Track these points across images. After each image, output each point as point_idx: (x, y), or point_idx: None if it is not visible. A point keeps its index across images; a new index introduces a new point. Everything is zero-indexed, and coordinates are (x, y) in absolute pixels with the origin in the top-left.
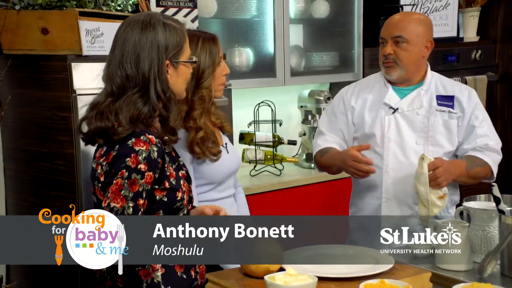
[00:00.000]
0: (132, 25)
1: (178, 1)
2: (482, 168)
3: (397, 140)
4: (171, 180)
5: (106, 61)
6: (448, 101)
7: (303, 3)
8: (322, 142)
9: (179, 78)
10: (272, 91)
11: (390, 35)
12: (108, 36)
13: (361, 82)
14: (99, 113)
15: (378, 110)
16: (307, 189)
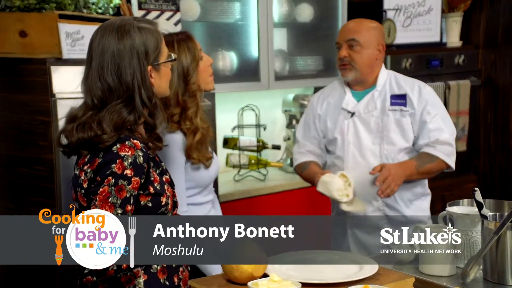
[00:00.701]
0: (108, 34)
1: (160, 4)
2: (433, 164)
3: (355, 143)
4: (156, 185)
5: (83, 73)
6: (400, 99)
7: (287, 7)
8: (299, 155)
9: (162, 79)
10: (256, 95)
11: (344, 39)
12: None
13: (325, 89)
14: (80, 125)
15: (338, 115)
16: (292, 194)
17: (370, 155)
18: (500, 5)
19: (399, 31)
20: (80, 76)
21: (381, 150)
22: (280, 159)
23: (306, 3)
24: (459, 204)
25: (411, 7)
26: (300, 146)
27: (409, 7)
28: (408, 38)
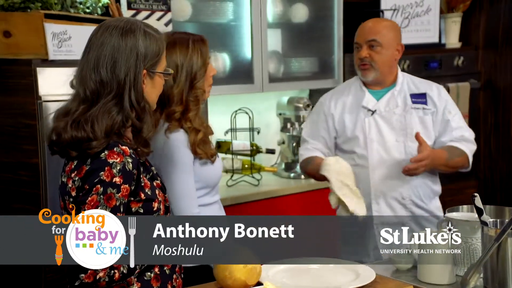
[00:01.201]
0: (111, 29)
1: (150, 4)
2: (460, 158)
3: (379, 140)
4: (146, 190)
5: (78, 64)
6: (421, 98)
7: (281, 7)
8: (305, 151)
9: (153, 89)
10: (250, 98)
11: (364, 39)
12: (76, 40)
13: (338, 88)
14: (75, 122)
15: (357, 113)
16: (286, 199)
17: (395, 152)
18: (500, 5)
19: None
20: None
21: (405, 147)
22: (274, 164)
23: (301, 3)
24: (458, 210)
25: (409, 7)
26: (307, 144)
27: (407, 7)
28: (406, 39)
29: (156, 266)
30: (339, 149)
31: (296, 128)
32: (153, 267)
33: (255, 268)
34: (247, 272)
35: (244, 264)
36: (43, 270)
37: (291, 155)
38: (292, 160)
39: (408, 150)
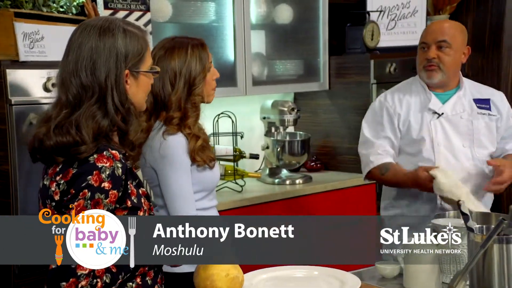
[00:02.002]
0: (89, 29)
1: (128, 3)
2: None
3: (446, 144)
4: (133, 198)
5: (58, 68)
6: (485, 104)
7: (265, 7)
8: (375, 157)
9: (139, 89)
10: (233, 101)
11: (434, 40)
12: (50, 40)
13: (398, 88)
14: (57, 127)
15: (423, 115)
16: (271, 206)
17: (463, 157)
18: (487, 7)
19: (382, 34)
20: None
21: (472, 153)
22: (259, 169)
23: (285, 4)
24: (445, 216)
25: (395, 8)
26: (375, 146)
27: (393, 9)
28: (392, 41)
29: (137, 276)
30: (402, 151)
31: (281, 132)
32: (134, 277)
33: (237, 278)
34: (229, 281)
35: (226, 273)
36: (12, 277)
37: (275, 160)
38: (277, 166)
39: (475, 156)
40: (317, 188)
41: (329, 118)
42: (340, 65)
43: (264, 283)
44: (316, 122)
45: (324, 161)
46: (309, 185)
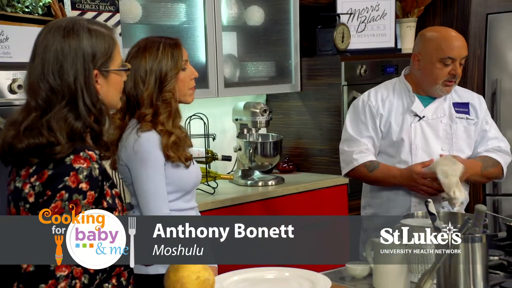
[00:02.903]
0: (53, 31)
1: (97, 4)
2: (494, 169)
3: (424, 147)
4: (108, 199)
5: (26, 71)
6: (464, 108)
7: (236, 9)
8: (360, 155)
9: (110, 88)
10: (205, 103)
11: (460, 56)
12: (15, 41)
13: (380, 90)
14: (27, 129)
15: (404, 117)
16: (243, 207)
17: None
18: (453, 11)
19: (353, 36)
20: (5, 81)
21: None
22: (231, 171)
23: (256, 6)
24: (413, 216)
25: (365, 11)
26: (359, 145)
27: (362, 11)
28: (362, 43)
29: (113, 277)
30: (381, 152)
31: (253, 134)
32: (110, 278)
33: (208, 280)
34: (200, 284)
35: (196, 276)
36: None
37: (248, 162)
38: (249, 167)
39: None
40: (289, 189)
41: (301, 119)
42: (312, 67)
43: (235, 285)
44: (288, 123)
45: (296, 163)
46: (282, 187)
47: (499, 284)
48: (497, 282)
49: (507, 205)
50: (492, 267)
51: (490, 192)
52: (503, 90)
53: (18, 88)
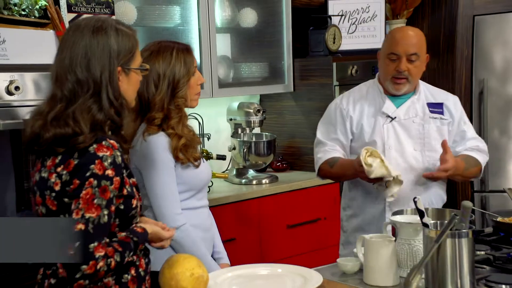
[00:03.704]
0: (82, 28)
1: (92, 7)
2: (475, 168)
3: (397, 148)
4: (127, 187)
5: (52, 64)
6: (438, 108)
7: (229, 11)
8: (324, 153)
9: (130, 86)
10: (200, 103)
11: (405, 53)
12: (12, 43)
13: (354, 92)
14: (55, 119)
15: (376, 119)
16: (238, 206)
17: (413, 160)
18: (441, 13)
19: (344, 37)
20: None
21: (423, 156)
22: (226, 170)
23: (249, 8)
24: (403, 213)
25: (356, 13)
26: (324, 145)
27: (353, 13)
28: (353, 44)
29: (132, 268)
30: (355, 153)
31: (247, 133)
32: (129, 268)
33: (202, 277)
34: (194, 281)
35: (190, 272)
36: None
37: (242, 161)
38: (244, 166)
39: (425, 159)
40: (283, 187)
41: (294, 119)
42: (304, 67)
43: (229, 281)
44: (282, 123)
45: (289, 161)
46: (275, 185)
47: (485, 278)
48: (483, 276)
49: (494, 201)
50: (479, 262)
51: (478, 188)
52: (490, 89)
53: (15, 89)
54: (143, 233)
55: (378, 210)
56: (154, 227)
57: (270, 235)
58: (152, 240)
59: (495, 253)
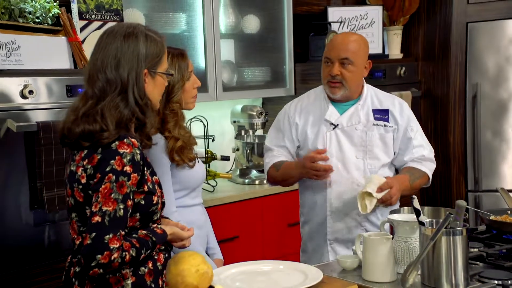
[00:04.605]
0: (115, 33)
1: (102, 14)
2: (421, 179)
3: (338, 155)
4: (148, 184)
5: (87, 65)
6: (383, 114)
7: (233, 18)
8: (271, 158)
9: (155, 89)
10: (204, 106)
11: (337, 57)
12: (26, 49)
13: (302, 98)
14: (85, 115)
15: (320, 126)
16: (241, 205)
17: (354, 169)
18: (436, 20)
19: None
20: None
21: (365, 164)
22: (229, 170)
23: (252, 15)
24: (400, 212)
25: (354, 19)
26: (271, 151)
27: (352, 20)
28: None
29: (149, 261)
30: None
31: (250, 135)
32: (147, 262)
33: (207, 273)
34: (199, 277)
35: (196, 269)
36: None
37: (245, 161)
38: (247, 167)
39: (367, 167)
40: (284, 187)
41: None
42: (305, 71)
43: (233, 277)
44: None
45: None
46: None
47: (478, 274)
48: (477, 272)
49: (487, 201)
50: (472, 258)
51: (471, 188)
52: (483, 93)
53: (29, 93)
54: (162, 234)
55: (322, 217)
56: (174, 228)
57: (272, 233)
58: (173, 240)
59: (488, 250)
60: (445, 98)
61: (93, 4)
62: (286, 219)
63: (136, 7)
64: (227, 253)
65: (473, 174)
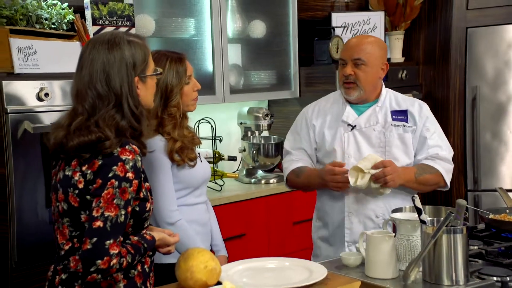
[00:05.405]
0: (98, 45)
1: (115, 20)
2: (432, 175)
3: (357, 156)
4: (143, 190)
5: (72, 82)
6: (402, 115)
7: (240, 23)
8: (290, 163)
9: (147, 91)
10: (212, 108)
11: (350, 57)
12: (42, 54)
13: (321, 101)
14: (77, 129)
15: (337, 127)
16: (248, 204)
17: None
18: (436, 25)
19: None
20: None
21: None
22: (236, 170)
23: (258, 20)
24: (402, 211)
25: (357, 25)
26: (291, 155)
27: (355, 25)
28: None
29: (139, 264)
30: (319, 163)
31: (256, 136)
32: (136, 264)
33: (215, 269)
34: (208, 273)
35: (204, 265)
36: (9, 270)
37: (251, 161)
38: (253, 167)
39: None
40: None
41: None
42: (309, 75)
43: (240, 273)
44: (288, 126)
45: None
46: (283, 184)
47: (478, 270)
48: (476, 269)
49: (486, 200)
50: (472, 256)
51: (471, 188)
52: (482, 96)
53: (45, 96)
54: (152, 240)
55: (337, 220)
56: (161, 234)
57: (278, 231)
58: (159, 246)
59: (487, 248)
60: (445, 100)
61: (106, 10)
62: (291, 217)
63: (147, 13)
64: (234, 250)
65: (473, 174)
